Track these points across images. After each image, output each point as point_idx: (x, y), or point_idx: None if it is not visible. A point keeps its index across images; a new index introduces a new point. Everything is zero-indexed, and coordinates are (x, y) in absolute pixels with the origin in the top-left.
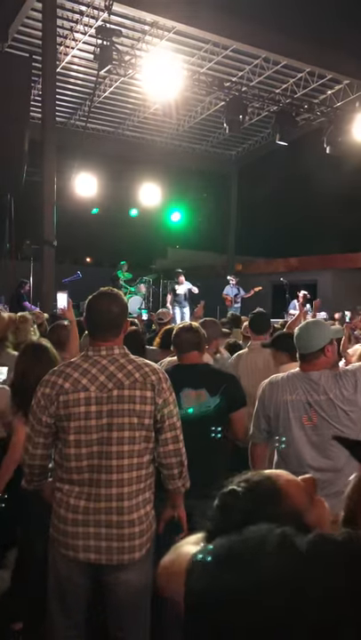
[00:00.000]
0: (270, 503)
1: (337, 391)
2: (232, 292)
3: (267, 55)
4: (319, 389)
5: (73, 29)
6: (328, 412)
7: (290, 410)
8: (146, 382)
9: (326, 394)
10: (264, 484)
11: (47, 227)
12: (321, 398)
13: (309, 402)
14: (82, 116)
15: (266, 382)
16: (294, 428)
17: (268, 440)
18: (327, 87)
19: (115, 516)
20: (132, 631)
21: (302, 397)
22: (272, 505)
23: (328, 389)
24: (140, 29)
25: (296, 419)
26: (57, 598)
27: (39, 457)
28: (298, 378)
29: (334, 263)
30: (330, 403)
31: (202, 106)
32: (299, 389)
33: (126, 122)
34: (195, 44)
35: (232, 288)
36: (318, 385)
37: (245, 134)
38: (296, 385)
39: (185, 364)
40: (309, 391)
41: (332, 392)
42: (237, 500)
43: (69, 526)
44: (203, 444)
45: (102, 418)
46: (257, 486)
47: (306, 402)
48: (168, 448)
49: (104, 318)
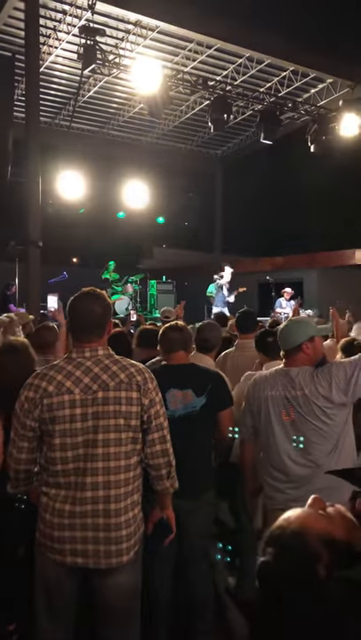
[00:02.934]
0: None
1: (312, 387)
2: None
3: (250, 54)
4: (296, 385)
5: (56, 29)
6: (304, 407)
7: (270, 405)
8: (131, 383)
9: (302, 389)
10: (289, 538)
11: (32, 227)
12: (298, 394)
13: (288, 397)
14: (66, 116)
15: (252, 379)
16: (274, 423)
17: (255, 436)
18: (311, 86)
19: (101, 519)
20: (122, 635)
21: (282, 393)
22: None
23: (304, 385)
24: (124, 28)
25: (276, 414)
26: (44, 603)
27: (24, 461)
28: (279, 374)
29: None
30: (305, 399)
31: (186, 105)
32: (279, 385)
33: (111, 121)
34: (178, 43)
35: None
36: (295, 381)
37: (230, 133)
38: (277, 381)
39: (171, 364)
40: (287, 387)
41: (308, 388)
42: (272, 570)
43: (56, 530)
44: (190, 444)
45: (87, 420)
46: (284, 544)
47: (284, 397)
48: (155, 449)
49: (87, 319)
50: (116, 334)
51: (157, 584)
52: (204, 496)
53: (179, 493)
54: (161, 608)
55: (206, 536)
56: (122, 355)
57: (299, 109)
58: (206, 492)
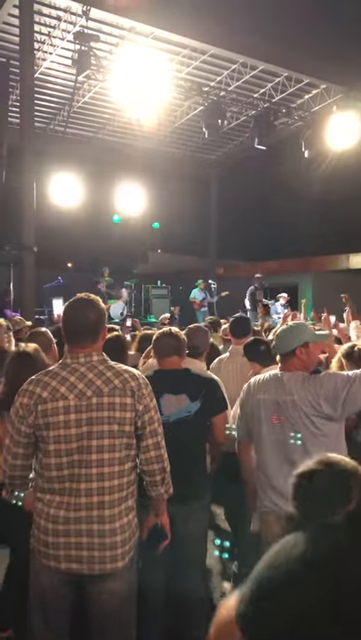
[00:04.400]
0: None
1: (301, 393)
2: (200, 295)
3: (244, 60)
4: (286, 390)
5: (51, 35)
6: (292, 412)
7: (262, 408)
8: (125, 389)
9: (292, 395)
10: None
11: (27, 232)
12: (287, 399)
13: (278, 401)
14: (61, 122)
15: (248, 382)
16: (264, 426)
17: (251, 437)
18: (304, 91)
19: (96, 525)
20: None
21: (273, 397)
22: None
23: (294, 390)
24: (118, 35)
25: (267, 417)
26: (39, 609)
27: (19, 467)
28: (272, 378)
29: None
30: (294, 404)
31: (181, 110)
32: (271, 389)
33: (106, 127)
34: (173, 49)
35: (200, 292)
36: (286, 385)
37: (224, 138)
38: (270, 384)
39: (165, 369)
40: (279, 391)
41: (297, 394)
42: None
43: (50, 537)
44: (184, 449)
45: (82, 426)
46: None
47: (275, 401)
48: (150, 454)
49: (81, 325)
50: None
51: (152, 590)
52: (199, 502)
53: (173, 499)
54: (155, 614)
55: (201, 542)
56: (116, 358)
57: (293, 115)
58: (201, 497)
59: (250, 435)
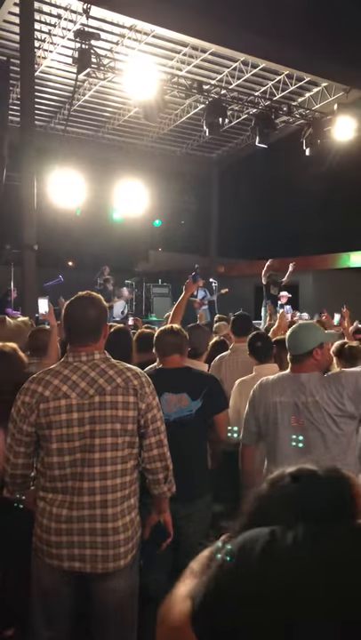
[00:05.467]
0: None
1: (324, 394)
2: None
3: (245, 58)
4: (306, 391)
5: (51, 33)
6: (315, 414)
7: (279, 411)
8: (128, 387)
9: (313, 396)
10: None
11: (27, 231)
12: (308, 400)
13: (297, 403)
14: (61, 120)
15: (256, 384)
16: (282, 429)
17: (258, 442)
18: (305, 90)
19: (98, 524)
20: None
21: (291, 399)
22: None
23: (315, 392)
24: (119, 33)
25: (285, 420)
26: (40, 608)
27: (21, 466)
28: (287, 379)
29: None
30: (316, 405)
31: (182, 109)
32: (288, 391)
33: (107, 125)
34: (173, 47)
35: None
36: (306, 387)
37: (225, 137)
38: (285, 386)
39: (166, 367)
40: (297, 393)
41: (319, 394)
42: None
43: (53, 535)
44: (185, 448)
45: (84, 425)
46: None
47: (294, 403)
48: (152, 453)
49: (83, 323)
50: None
51: (154, 588)
52: (201, 500)
53: (175, 497)
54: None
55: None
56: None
57: (294, 113)
58: (203, 495)
59: (258, 438)
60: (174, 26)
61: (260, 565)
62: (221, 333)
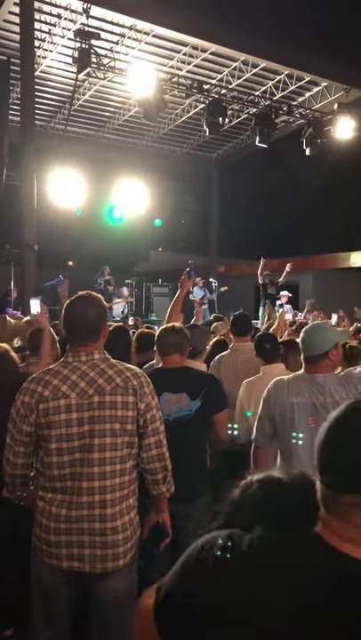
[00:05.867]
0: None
1: (343, 394)
2: (199, 294)
3: (245, 58)
4: (325, 392)
5: (51, 32)
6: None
7: (295, 412)
8: (127, 387)
9: (332, 396)
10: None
11: (27, 230)
12: (327, 401)
13: (315, 404)
14: (61, 120)
15: (271, 384)
16: (300, 430)
17: (272, 442)
18: (305, 89)
19: (97, 524)
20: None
21: (309, 400)
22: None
23: (334, 392)
24: (119, 32)
25: (302, 421)
26: (40, 608)
27: (20, 466)
28: (302, 380)
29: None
30: (336, 405)
31: (182, 108)
32: (304, 392)
33: (107, 125)
34: (173, 47)
35: (199, 290)
36: (323, 388)
37: (226, 136)
38: (301, 387)
39: (166, 367)
40: (315, 393)
41: (338, 394)
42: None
43: (52, 535)
44: (184, 448)
45: (84, 425)
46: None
47: (312, 404)
48: (152, 453)
49: (82, 323)
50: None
51: None
52: (200, 500)
53: (174, 498)
54: None
55: None
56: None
57: (294, 113)
58: (202, 496)
59: (271, 439)
60: (174, 26)
61: (214, 567)
62: (219, 333)
